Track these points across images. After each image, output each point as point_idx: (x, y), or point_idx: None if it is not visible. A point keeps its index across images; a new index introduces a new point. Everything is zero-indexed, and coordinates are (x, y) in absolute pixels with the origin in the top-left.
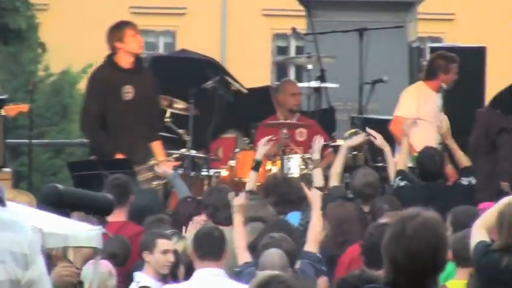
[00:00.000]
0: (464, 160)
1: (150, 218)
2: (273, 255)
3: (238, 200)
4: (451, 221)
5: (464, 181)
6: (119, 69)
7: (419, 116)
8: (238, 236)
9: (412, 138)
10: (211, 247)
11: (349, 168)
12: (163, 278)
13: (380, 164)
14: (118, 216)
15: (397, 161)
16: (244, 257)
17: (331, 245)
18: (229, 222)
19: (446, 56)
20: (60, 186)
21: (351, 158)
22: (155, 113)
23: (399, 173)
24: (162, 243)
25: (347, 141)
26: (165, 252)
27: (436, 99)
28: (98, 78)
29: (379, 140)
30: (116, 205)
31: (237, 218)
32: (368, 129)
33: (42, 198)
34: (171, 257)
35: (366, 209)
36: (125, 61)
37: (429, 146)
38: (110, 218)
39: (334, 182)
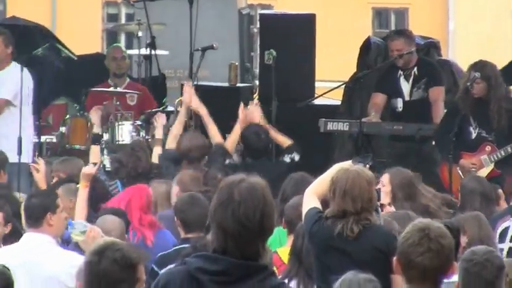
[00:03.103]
0: (284, 141)
1: None
2: (110, 221)
3: (88, 169)
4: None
5: (287, 158)
6: None
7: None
8: (79, 208)
9: None
10: (27, 216)
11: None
12: None
13: None
14: None
15: (228, 142)
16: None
17: None
18: None
19: None
20: None
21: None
22: None
23: (227, 153)
24: None
25: (183, 104)
26: None
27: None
28: None
29: (194, 102)
30: None
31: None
32: (185, 87)
33: None
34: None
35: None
36: None
37: (254, 123)
38: None
39: (170, 144)
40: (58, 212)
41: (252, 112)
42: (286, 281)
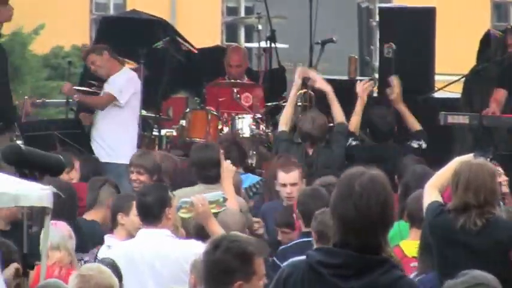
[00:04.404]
0: (415, 124)
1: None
2: (231, 215)
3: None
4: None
5: (415, 144)
6: None
7: None
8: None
9: None
10: (145, 214)
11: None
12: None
13: None
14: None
15: (351, 122)
16: None
17: None
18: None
19: None
20: (22, 146)
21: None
22: None
23: (351, 134)
24: None
25: (294, 86)
26: None
27: None
28: None
29: (319, 82)
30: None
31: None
32: (310, 72)
33: (4, 156)
34: None
35: (311, 152)
36: None
37: (381, 106)
38: None
39: (282, 127)
40: (173, 203)
41: (366, 87)
42: (423, 275)
